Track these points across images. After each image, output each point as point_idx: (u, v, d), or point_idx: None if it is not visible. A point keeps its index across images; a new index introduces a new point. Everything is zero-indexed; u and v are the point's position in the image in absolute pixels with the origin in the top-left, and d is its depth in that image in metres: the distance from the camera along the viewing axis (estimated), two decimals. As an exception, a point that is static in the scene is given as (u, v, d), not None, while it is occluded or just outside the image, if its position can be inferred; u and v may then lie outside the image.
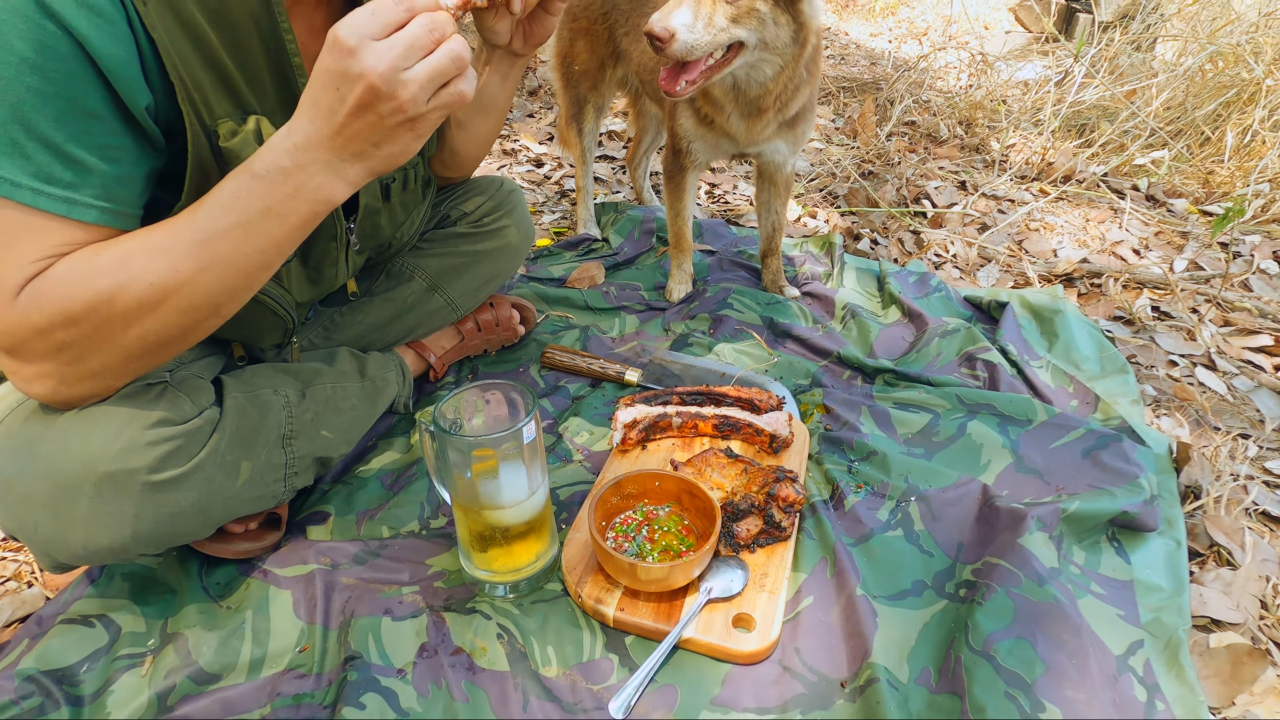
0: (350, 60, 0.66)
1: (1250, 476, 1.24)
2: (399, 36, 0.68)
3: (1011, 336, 1.53)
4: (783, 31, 1.26)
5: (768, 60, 1.31)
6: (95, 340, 0.73)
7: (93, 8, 0.67)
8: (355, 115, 0.69)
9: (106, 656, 0.91)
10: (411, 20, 0.68)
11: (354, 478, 1.18)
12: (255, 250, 0.75)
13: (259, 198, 0.72)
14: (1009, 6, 4.91)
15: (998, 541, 1.01)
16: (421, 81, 0.68)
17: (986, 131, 2.86)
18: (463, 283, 1.37)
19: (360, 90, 0.67)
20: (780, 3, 1.23)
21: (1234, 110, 2.46)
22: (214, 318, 0.79)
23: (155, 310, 0.73)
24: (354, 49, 0.66)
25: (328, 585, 0.98)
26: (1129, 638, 0.93)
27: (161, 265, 0.72)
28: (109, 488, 0.79)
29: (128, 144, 0.74)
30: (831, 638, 0.94)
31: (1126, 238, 2.10)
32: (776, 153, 1.58)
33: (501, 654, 0.91)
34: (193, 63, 0.77)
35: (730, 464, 1.12)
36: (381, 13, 0.67)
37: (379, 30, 0.67)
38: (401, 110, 0.69)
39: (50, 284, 0.70)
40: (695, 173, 1.64)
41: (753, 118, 1.43)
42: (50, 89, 0.66)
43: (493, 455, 0.86)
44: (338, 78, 0.67)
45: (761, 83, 1.36)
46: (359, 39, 0.66)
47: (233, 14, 0.79)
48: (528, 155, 2.70)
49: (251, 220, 0.73)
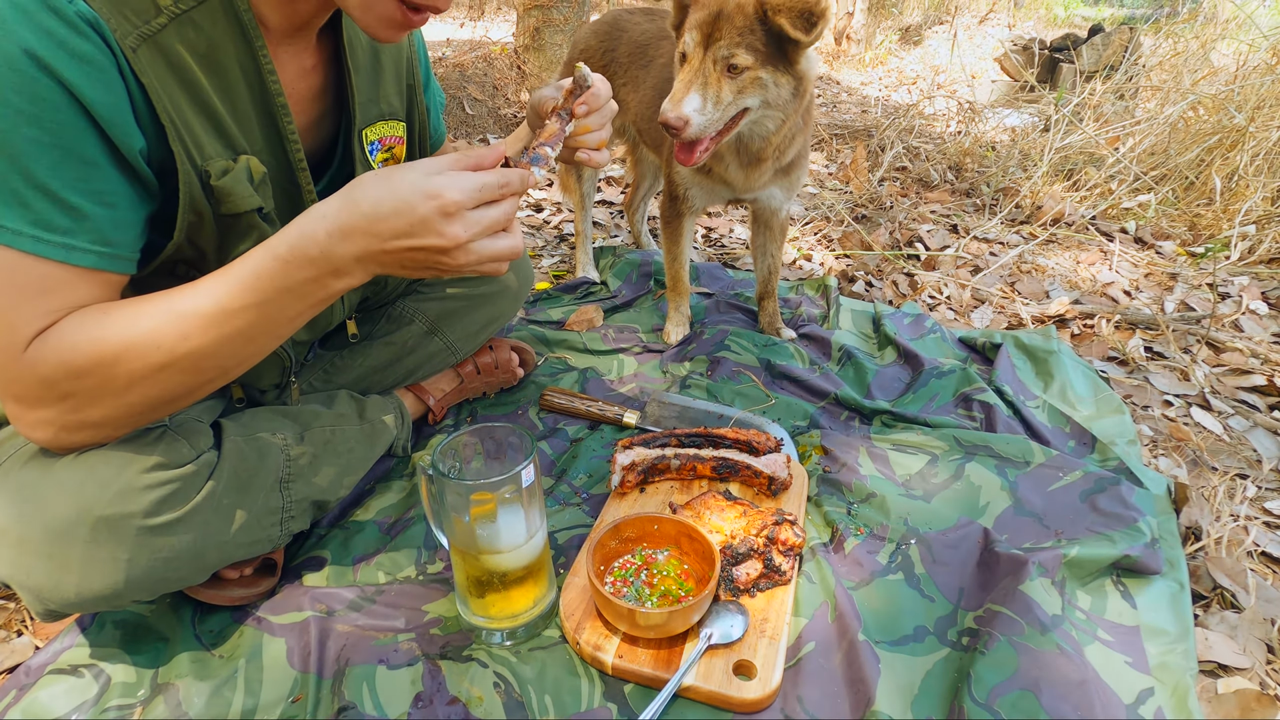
0: (442, 221, 0.72)
1: (1250, 517, 1.23)
2: (488, 216, 0.74)
3: (1007, 377, 1.54)
4: (783, 90, 1.31)
5: (770, 116, 1.35)
6: (99, 394, 0.74)
7: (83, 57, 0.68)
8: (410, 251, 0.74)
9: (96, 707, 0.89)
10: (503, 201, 0.75)
11: (351, 522, 1.18)
12: (268, 324, 0.77)
13: (280, 278, 0.74)
14: (994, 56, 5.07)
15: (999, 587, 1.00)
16: (481, 257, 0.75)
17: (976, 176, 2.93)
18: (462, 326, 1.38)
19: (432, 243, 0.72)
20: (780, 66, 1.28)
21: (1216, 156, 2.52)
22: (221, 379, 0.81)
23: (162, 372, 0.75)
24: (452, 215, 0.72)
25: (322, 633, 0.97)
26: (1138, 685, 0.91)
27: (172, 331, 0.73)
28: (104, 532, 0.78)
29: (123, 189, 0.75)
30: (834, 685, 0.92)
31: (1117, 279, 2.13)
32: (772, 199, 1.61)
33: (498, 703, 0.89)
34: (183, 105, 0.78)
35: (729, 506, 1.11)
36: (487, 191, 0.74)
37: (476, 204, 0.73)
38: (447, 268, 0.76)
39: (59, 338, 0.71)
40: (692, 218, 1.67)
41: (752, 167, 1.47)
42: (47, 138, 0.68)
43: (491, 499, 0.86)
44: (419, 222, 0.71)
45: (764, 136, 1.40)
46: (459, 208, 0.72)
47: (221, 58, 0.81)
48: (527, 200, 2.75)
49: (269, 300, 0.74)
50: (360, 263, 0.75)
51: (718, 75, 1.24)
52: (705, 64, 1.24)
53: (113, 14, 0.70)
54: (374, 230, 0.72)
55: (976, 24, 6.39)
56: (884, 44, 6.21)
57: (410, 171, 0.72)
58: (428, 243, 0.72)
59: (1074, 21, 6.76)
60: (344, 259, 0.74)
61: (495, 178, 0.75)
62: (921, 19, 6.70)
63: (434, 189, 0.71)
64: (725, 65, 1.24)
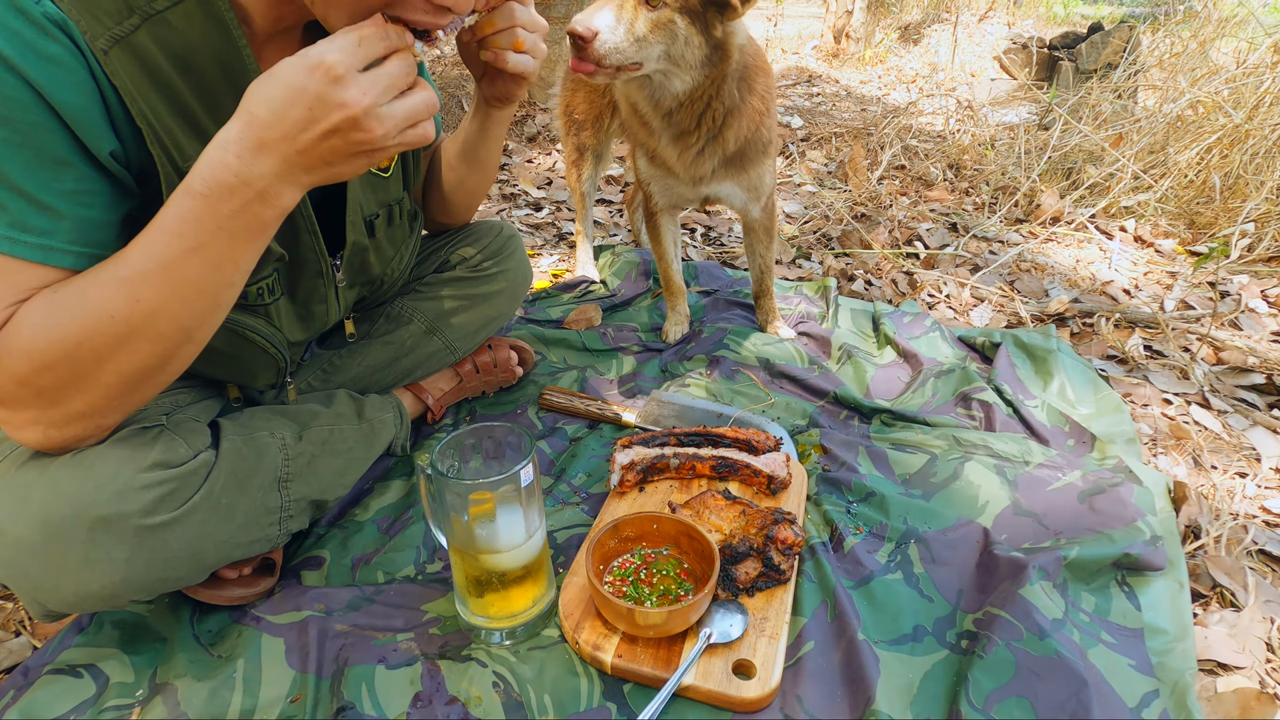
0: (334, 88, 0.67)
1: (1250, 515, 1.23)
2: (382, 72, 0.70)
3: (1006, 376, 1.54)
4: (692, 50, 1.28)
5: (674, 74, 1.32)
6: (74, 381, 0.74)
7: (51, 58, 0.67)
8: (323, 138, 0.69)
9: (94, 707, 0.89)
10: (392, 57, 0.71)
11: (350, 521, 1.18)
12: (213, 270, 0.74)
13: (208, 218, 0.71)
14: (994, 55, 5.07)
15: (998, 591, 1.00)
16: (397, 120, 0.71)
17: (975, 174, 2.92)
18: (461, 325, 1.38)
19: (338, 118, 0.68)
20: (697, 24, 1.25)
21: (1215, 155, 2.52)
22: (189, 343, 0.78)
23: (126, 343, 0.73)
24: (341, 77, 0.67)
25: (321, 633, 0.96)
26: (1142, 689, 0.91)
27: (121, 297, 0.71)
28: (101, 532, 0.78)
29: (100, 188, 0.74)
30: (833, 684, 0.92)
31: (1116, 278, 2.13)
32: (732, 197, 1.59)
33: (497, 703, 0.89)
34: (160, 109, 0.76)
35: (728, 506, 1.11)
36: (367, 44, 0.69)
37: (362, 62, 0.69)
38: (370, 143, 0.71)
39: (16, 333, 0.70)
40: (667, 216, 1.68)
41: (682, 142, 1.44)
42: (17, 139, 0.67)
43: (490, 498, 0.86)
44: (314, 99, 0.67)
45: (675, 94, 1.36)
46: (347, 68, 0.67)
47: (199, 59, 0.79)
48: (527, 200, 2.75)
49: (204, 243, 0.72)
50: (281, 177, 0.71)
51: (636, 3, 1.21)
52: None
53: (82, 15, 0.69)
54: (280, 132, 0.68)
55: (976, 22, 6.38)
56: (883, 42, 6.20)
57: (288, 60, 0.69)
58: (334, 120, 0.68)
59: (1073, 20, 6.76)
60: (264, 177, 0.70)
61: (372, 28, 0.70)
62: (921, 17, 6.69)
63: (313, 59, 0.67)
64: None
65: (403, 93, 0.72)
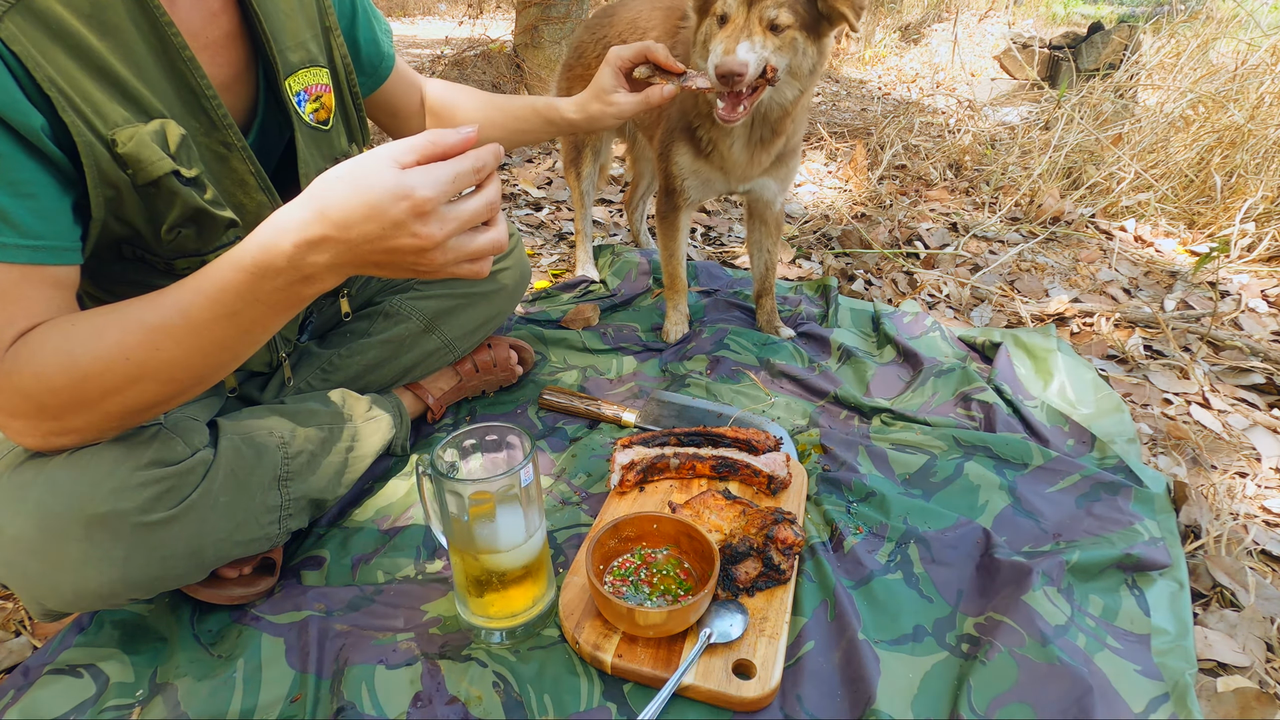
0: (415, 221, 0.66)
1: (1250, 515, 1.23)
2: (466, 209, 0.69)
3: (1006, 376, 1.54)
4: (808, 60, 1.35)
5: (790, 85, 1.39)
6: (75, 405, 0.74)
7: None
8: (385, 253, 0.69)
9: (94, 707, 0.88)
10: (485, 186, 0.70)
11: (350, 521, 1.17)
12: (242, 334, 0.74)
13: (248, 291, 0.70)
14: (995, 54, 5.07)
15: (1001, 596, 1.00)
16: (460, 255, 0.71)
17: (975, 174, 2.92)
18: (460, 323, 1.38)
19: (408, 244, 0.68)
20: (810, 36, 1.33)
21: (1215, 154, 2.52)
22: (198, 386, 0.79)
23: (136, 383, 0.73)
24: (426, 214, 0.66)
25: (321, 632, 0.96)
26: (1149, 693, 0.91)
27: (141, 344, 0.71)
28: (99, 530, 0.78)
29: (39, 177, 0.71)
30: (833, 684, 0.92)
31: (1116, 277, 2.13)
32: (766, 189, 1.62)
33: (497, 703, 0.89)
34: (74, 73, 0.72)
35: (728, 506, 1.11)
36: (460, 181, 0.68)
37: (450, 198, 0.68)
38: (425, 265, 0.70)
39: (30, 353, 0.71)
40: (688, 212, 1.67)
41: (760, 146, 1.49)
42: None
43: (490, 498, 0.86)
44: (391, 224, 0.66)
45: (783, 106, 1.43)
46: (434, 206, 0.66)
47: (110, 15, 0.74)
48: (526, 199, 2.75)
49: (239, 311, 0.71)
50: (332, 269, 0.70)
51: (762, 30, 1.28)
52: (750, 21, 1.28)
53: None
54: (344, 238, 0.67)
55: (976, 22, 6.38)
56: (884, 41, 6.20)
57: (378, 169, 0.67)
58: (403, 244, 0.68)
59: (1073, 19, 6.76)
60: (315, 267, 0.70)
61: (470, 162, 0.69)
62: (921, 16, 6.69)
63: (405, 188, 0.65)
64: (769, 24, 1.27)
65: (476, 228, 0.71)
